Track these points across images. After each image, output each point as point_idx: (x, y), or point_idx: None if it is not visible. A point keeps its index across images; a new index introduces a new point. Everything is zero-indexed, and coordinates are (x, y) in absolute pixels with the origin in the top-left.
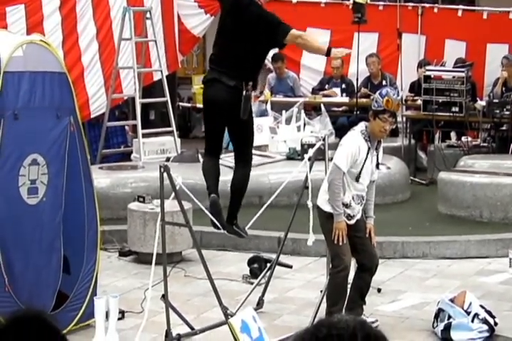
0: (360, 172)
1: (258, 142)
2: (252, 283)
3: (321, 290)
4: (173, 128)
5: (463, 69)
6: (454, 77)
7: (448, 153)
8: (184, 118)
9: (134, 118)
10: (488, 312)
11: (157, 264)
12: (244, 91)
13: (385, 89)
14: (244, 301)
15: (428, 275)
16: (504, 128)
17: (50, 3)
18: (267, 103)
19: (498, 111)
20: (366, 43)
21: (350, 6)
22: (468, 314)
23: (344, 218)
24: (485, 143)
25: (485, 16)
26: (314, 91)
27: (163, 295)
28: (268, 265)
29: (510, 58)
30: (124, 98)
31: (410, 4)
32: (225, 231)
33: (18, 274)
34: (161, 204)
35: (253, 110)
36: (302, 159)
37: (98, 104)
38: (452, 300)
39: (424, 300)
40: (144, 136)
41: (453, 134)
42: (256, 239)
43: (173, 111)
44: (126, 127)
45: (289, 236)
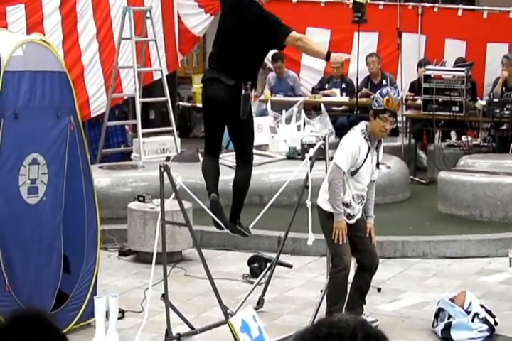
0: (361, 171)
1: (258, 141)
2: (252, 283)
3: (321, 290)
4: (173, 127)
5: (463, 69)
6: (454, 77)
7: (448, 152)
8: (184, 117)
9: (134, 117)
10: (488, 312)
11: (157, 264)
12: (243, 91)
13: (385, 88)
14: (245, 301)
15: (428, 274)
16: (504, 127)
17: (50, 3)
18: (267, 102)
19: (498, 110)
20: (366, 43)
21: (351, 6)
22: (469, 313)
23: (344, 217)
24: (485, 143)
25: (485, 16)
26: (314, 90)
27: (163, 295)
28: (268, 264)
29: (510, 58)
30: (124, 97)
31: (410, 4)
32: (228, 231)
33: (18, 273)
34: (161, 204)
35: (253, 109)
36: (302, 159)
37: (98, 103)
38: (452, 300)
39: (424, 300)
40: (144, 135)
41: (453, 134)
42: (256, 239)
43: (173, 111)
44: (126, 127)
45: (289, 235)
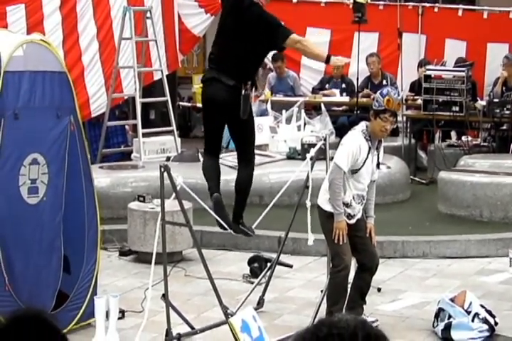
0: (361, 171)
1: (258, 141)
2: (252, 283)
3: (322, 290)
4: (174, 127)
5: (463, 69)
6: (455, 77)
7: (448, 152)
8: (184, 117)
9: (135, 117)
10: (489, 312)
11: (157, 264)
12: (243, 91)
13: (385, 88)
14: (245, 301)
15: (428, 274)
16: (504, 127)
17: (51, 3)
18: (267, 102)
19: (498, 110)
20: (366, 43)
21: (351, 6)
22: (469, 313)
23: (344, 217)
24: (485, 143)
25: (485, 16)
26: (314, 90)
27: (164, 295)
28: (268, 264)
29: (510, 58)
30: (124, 97)
31: (410, 4)
32: (231, 231)
33: (18, 274)
34: (161, 204)
35: (253, 109)
36: (303, 159)
37: (98, 103)
38: (452, 300)
39: (424, 300)
40: (144, 135)
41: (453, 134)
42: (256, 239)
43: (174, 111)
44: (127, 126)
45: (289, 235)
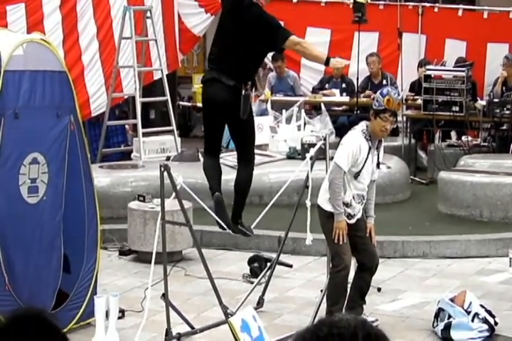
0: (361, 171)
1: (258, 141)
2: (252, 283)
3: (322, 290)
4: (174, 127)
5: (463, 69)
6: (455, 77)
7: (448, 152)
8: (184, 117)
9: (135, 117)
10: (488, 312)
11: (157, 263)
12: (243, 91)
13: (385, 88)
14: (245, 300)
15: (428, 274)
16: (504, 127)
17: (51, 2)
18: (267, 102)
19: (498, 110)
20: (366, 43)
21: (351, 6)
22: (469, 313)
23: (344, 217)
24: (485, 143)
25: (485, 16)
26: (314, 90)
27: (164, 294)
28: (268, 264)
29: (510, 58)
30: (124, 97)
31: (411, 4)
32: (229, 231)
33: (18, 273)
34: (161, 203)
35: (253, 109)
36: (302, 158)
37: (98, 103)
38: (452, 300)
39: (424, 300)
40: (144, 135)
41: (453, 134)
42: (256, 239)
43: (174, 110)
44: (127, 126)
45: (289, 235)
